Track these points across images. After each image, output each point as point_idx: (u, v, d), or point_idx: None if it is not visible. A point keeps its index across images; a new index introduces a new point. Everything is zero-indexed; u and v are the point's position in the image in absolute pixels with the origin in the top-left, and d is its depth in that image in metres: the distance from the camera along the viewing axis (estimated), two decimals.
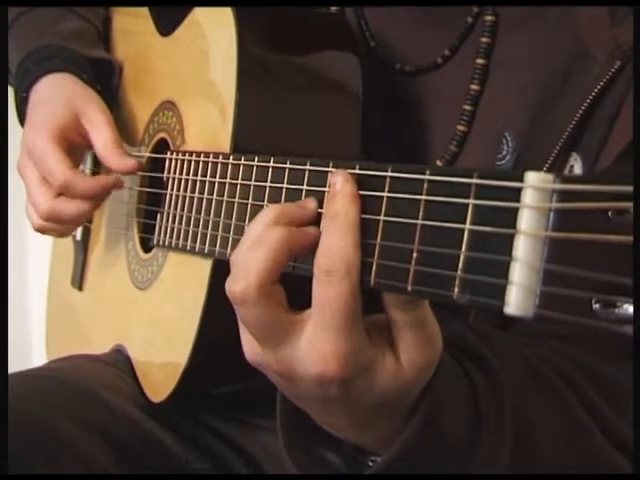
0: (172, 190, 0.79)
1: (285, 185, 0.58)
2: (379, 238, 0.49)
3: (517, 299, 0.40)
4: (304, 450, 0.58)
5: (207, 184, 0.71)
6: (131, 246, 0.91)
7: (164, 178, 0.82)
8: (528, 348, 0.65)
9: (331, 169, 0.53)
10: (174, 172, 0.79)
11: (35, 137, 0.85)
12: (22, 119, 0.92)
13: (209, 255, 0.69)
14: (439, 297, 0.44)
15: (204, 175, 0.72)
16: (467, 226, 0.43)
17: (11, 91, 0.97)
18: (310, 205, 0.54)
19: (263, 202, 0.60)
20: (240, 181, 0.64)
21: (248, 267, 0.50)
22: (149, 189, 0.88)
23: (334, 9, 0.86)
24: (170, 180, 0.80)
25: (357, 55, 0.77)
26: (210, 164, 0.71)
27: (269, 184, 0.60)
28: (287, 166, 0.58)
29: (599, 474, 0.63)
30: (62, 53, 0.92)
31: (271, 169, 0.60)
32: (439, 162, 0.78)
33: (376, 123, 0.79)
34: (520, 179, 0.40)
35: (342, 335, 0.49)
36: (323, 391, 0.51)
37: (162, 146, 0.87)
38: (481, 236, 0.42)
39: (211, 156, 0.71)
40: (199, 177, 0.73)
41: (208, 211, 0.70)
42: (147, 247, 0.88)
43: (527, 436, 0.59)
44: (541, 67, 0.73)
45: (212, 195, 0.69)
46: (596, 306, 0.37)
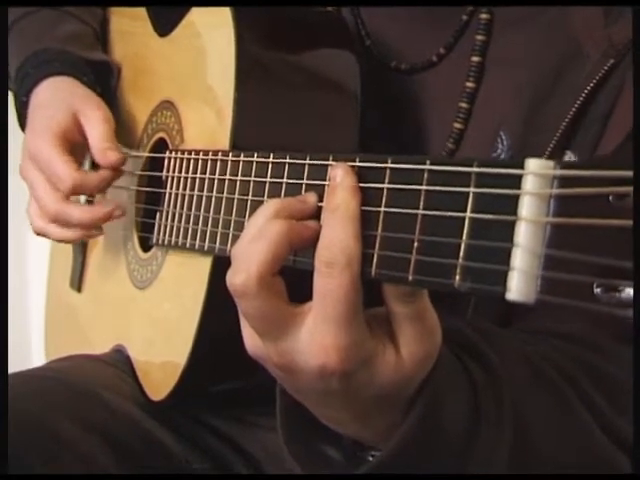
0: (171, 189, 0.79)
1: (285, 180, 0.58)
2: (380, 229, 0.49)
3: (518, 285, 0.40)
4: (303, 445, 0.58)
5: (206, 181, 0.71)
6: (130, 246, 0.91)
7: (163, 177, 0.82)
8: (529, 346, 0.65)
9: (331, 162, 0.53)
10: (173, 171, 0.79)
11: (38, 142, 0.85)
12: (23, 123, 0.92)
13: (209, 252, 0.69)
14: (440, 286, 0.44)
15: (203, 172, 0.72)
16: (468, 214, 0.43)
17: (11, 96, 0.97)
18: (310, 199, 0.54)
19: (263, 197, 0.60)
20: (240, 177, 0.64)
21: (249, 260, 0.50)
22: (148, 189, 0.88)
23: (330, 8, 0.86)
24: (169, 179, 0.80)
25: (355, 54, 0.77)
26: (209, 161, 0.71)
27: (269, 179, 0.60)
28: (287, 161, 0.58)
29: (599, 474, 0.62)
30: (61, 56, 0.92)
31: (271, 164, 0.60)
32: None
33: (373, 122, 0.79)
34: (521, 166, 0.41)
35: (343, 327, 0.49)
36: (324, 384, 0.51)
37: (161, 146, 0.87)
38: (482, 224, 0.42)
39: (210, 153, 0.71)
40: (198, 175, 0.73)
41: (208, 208, 0.69)
42: (146, 247, 0.88)
43: (526, 432, 0.58)
44: (535, 67, 0.73)
45: (212, 192, 0.69)
46: (597, 290, 0.37)
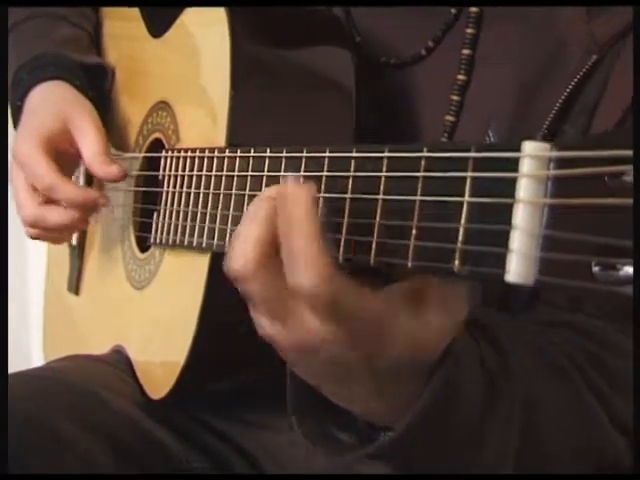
0: (168, 187, 0.79)
1: (282, 173, 0.58)
2: (378, 217, 0.49)
3: (517, 267, 0.40)
4: (316, 427, 0.58)
5: (203, 178, 0.71)
6: (127, 246, 0.92)
7: (160, 177, 0.82)
8: (539, 336, 0.65)
9: (328, 154, 0.54)
10: (169, 170, 0.79)
11: (22, 145, 0.86)
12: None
13: (207, 248, 0.70)
14: (440, 270, 0.45)
15: (200, 170, 0.72)
16: (466, 199, 0.43)
17: None
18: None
19: (260, 191, 0.60)
20: (237, 172, 0.64)
21: (245, 242, 0.51)
22: (145, 189, 0.89)
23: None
24: (166, 178, 0.80)
25: (349, 50, 0.78)
26: (206, 158, 0.71)
27: (266, 173, 0.60)
28: (284, 155, 0.58)
29: (599, 474, 0.63)
30: (56, 60, 0.93)
31: (268, 159, 0.60)
32: None
33: (366, 117, 0.80)
34: (517, 149, 0.41)
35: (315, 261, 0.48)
36: (337, 350, 0.50)
37: (157, 146, 0.87)
38: (480, 208, 0.43)
39: (207, 151, 0.71)
40: (195, 172, 0.73)
41: (205, 204, 0.70)
42: (144, 247, 0.88)
43: (535, 415, 0.59)
44: (523, 61, 0.74)
45: (209, 189, 0.69)
46: (596, 269, 0.37)
